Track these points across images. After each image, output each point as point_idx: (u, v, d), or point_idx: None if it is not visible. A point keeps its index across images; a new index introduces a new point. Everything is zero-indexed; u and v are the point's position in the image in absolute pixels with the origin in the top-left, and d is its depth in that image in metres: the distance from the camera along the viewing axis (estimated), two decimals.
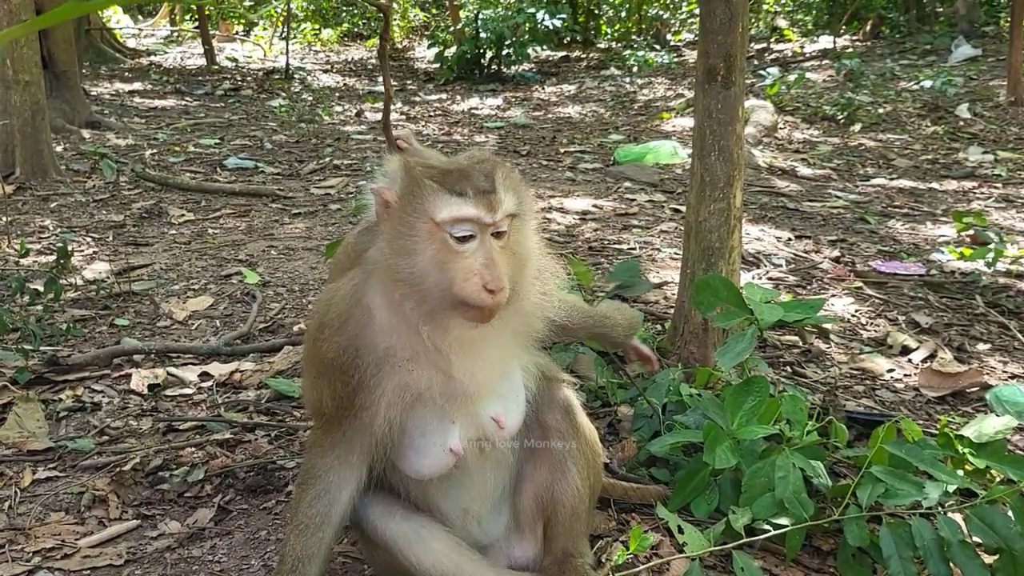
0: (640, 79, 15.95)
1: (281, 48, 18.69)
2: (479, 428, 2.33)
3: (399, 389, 2.22)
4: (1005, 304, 5.24)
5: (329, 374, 2.25)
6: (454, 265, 2.07)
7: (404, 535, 2.35)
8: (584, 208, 7.41)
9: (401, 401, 2.22)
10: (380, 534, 2.37)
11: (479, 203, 2.08)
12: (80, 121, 10.77)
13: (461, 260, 2.07)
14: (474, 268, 2.07)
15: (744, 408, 2.85)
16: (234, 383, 4.13)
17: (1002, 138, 10.96)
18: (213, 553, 2.85)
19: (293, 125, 11.95)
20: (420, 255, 2.09)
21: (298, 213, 7.36)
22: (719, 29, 3.75)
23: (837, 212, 7.59)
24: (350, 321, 2.23)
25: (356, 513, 2.38)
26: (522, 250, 2.22)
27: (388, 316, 2.21)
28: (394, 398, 2.22)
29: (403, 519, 2.37)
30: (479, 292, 2.06)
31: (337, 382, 2.24)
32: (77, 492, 3.18)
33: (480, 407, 2.32)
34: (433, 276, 2.08)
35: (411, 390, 2.23)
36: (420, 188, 2.11)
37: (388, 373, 2.21)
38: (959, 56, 15.55)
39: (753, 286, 3.39)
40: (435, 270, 2.08)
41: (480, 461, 2.40)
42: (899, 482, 2.56)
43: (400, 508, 2.40)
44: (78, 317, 4.80)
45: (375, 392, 2.21)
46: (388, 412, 2.22)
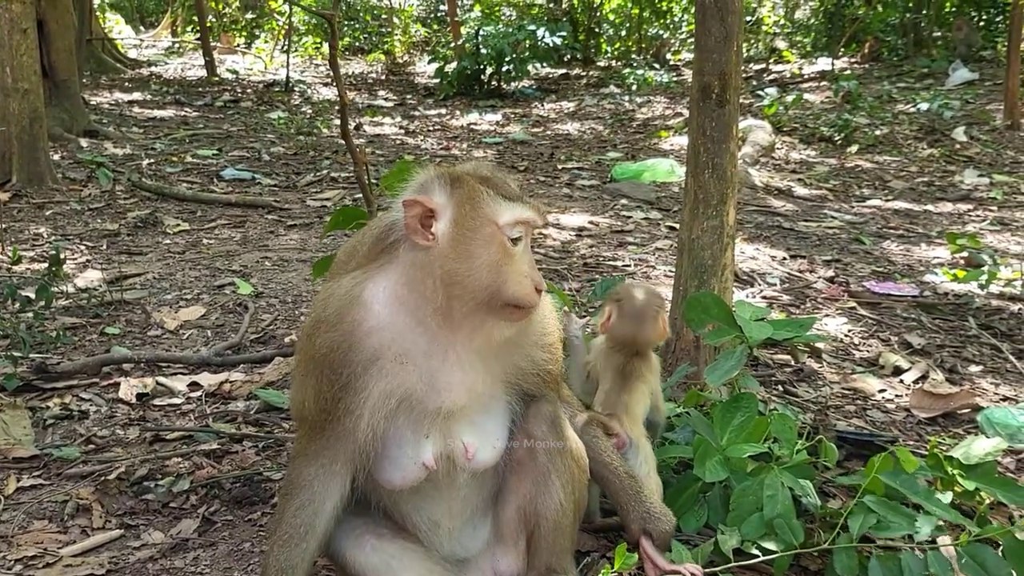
0: (639, 97, 16.01)
1: (282, 61, 18.74)
2: (450, 449, 2.32)
3: (383, 394, 2.22)
4: (998, 326, 5.23)
5: (318, 372, 2.24)
6: (508, 268, 2.19)
7: (375, 567, 2.34)
8: (580, 224, 7.42)
9: (384, 407, 2.22)
10: (351, 565, 2.36)
11: (532, 207, 2.25)
12: (78, 130, 10.79)
13: (514, 263, 2.19)
14: (524, 270, 2.21)
15: (733, 424, 2.83)
16: (223, 394, 4.11)
17: (998, 161, 11.00)
18: (196, 564, 2.83)
19: (291, 137, 11.97)
20: (480, 258, 2.17)
21: (293, 225, 7.36)
22: (714, 47, 3.76)
23: (832, 232, 7.60)
24: (346, 317, 2.23)
25: (328, 541, 2.37)
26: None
27: (387, 314, 2.23)
28: (379, 403, 2.21)
29: (373, 550, 2.36)
30: (532, 293, 2.21)
31: (324, 381, 2.23)
32: (61, 500, 3.16)
33: (455, 427, 2.31)
34: (488, 277, 2.17)
35: (395, 396, 2.23)
36: (479, 195, 2.21)
37: (375, 375, 2.21)
38: (956, 80, 15.62)
39: (744, 304, 3.38)
40: (491, 272, 2.17)
41: (451, 478, 2.38)
42: (891, 514, 2.54)
43: (371, 537, 2.38)
44: (68, 325, 4.79)
45: (361, 395, 2.21)
46: (372, 418, 2.21)
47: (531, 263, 2.24)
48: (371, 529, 2.40)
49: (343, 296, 2.27)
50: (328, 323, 2.25)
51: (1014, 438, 3.79)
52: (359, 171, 4.23)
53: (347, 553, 2.37)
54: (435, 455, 2.29)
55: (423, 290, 2.20)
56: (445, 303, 2.19)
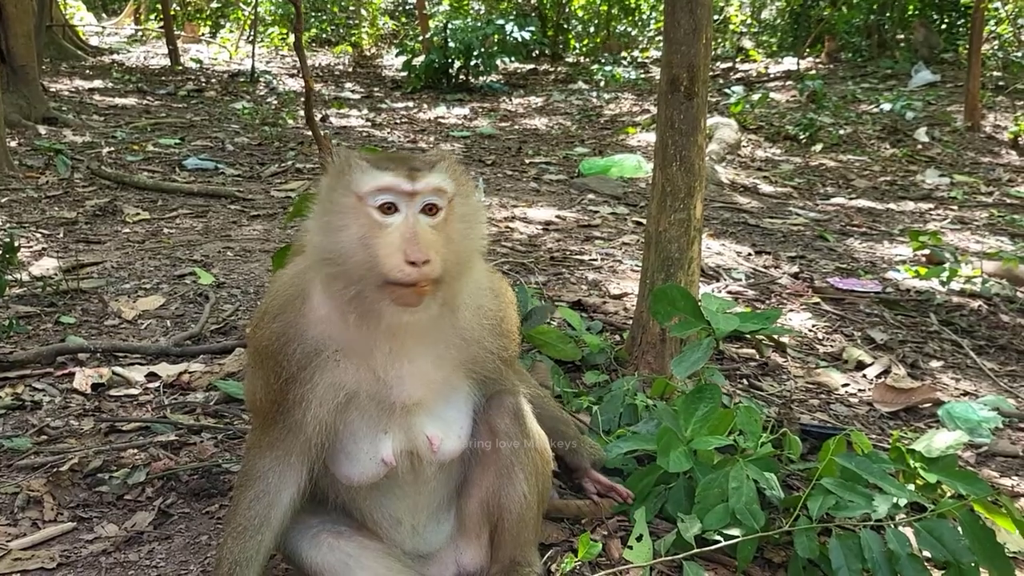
0: (607, 94, 16.03)
1: (247, 51, 18.50)
2: (412, 444, 2.26)
3: (331, 387, 2.16)
4: (958, 322, 5.30)
5: (264, 363, 2.21)
6: (378, 240, 2.02)
7: (331, 567, 2.28)
8: (547, 219, 7.39)
9: (333, 400, 2.17)
10: (309, 566, 2.30)
11: (399, 173, 2.06)
12: (36, 117, 10.55)
13: (384, 234, 2.02)
14: (396, 242, 2.01)
15: (697, 415, 2.83)
16: (182, 384, 4.02)
17: (958, 162, 11.17)
18: (151, 558, 2.76)
19: (256, 128, 11.80)
20: (345, 231, 2.04)
21: (256, 215, 7.25)
22: (683, 40, 3.75)
23: (797, 229, 7.65)
24: (288, 308, 2.19)
25: (284, 539, 2.32)
26: (460, 238, 2.15)
27: (323, 304, 2.17)
28: (326, 396, 2.16)
29: (330, 549, 2.30)
30: (401, 265, 1.99)
31: (271, 373, 2.19)
32: (11, 492, 3.07)
33: (415, 421, 2.26)
34: (358, 254, 2.02)
35: (344, 389, 2.17)
36: (348, 166, 2.11)
37: (319, 367, 2.16)
38: (919, 81, 15.84)
39: (710, 297, 3.39)
40: (360, 247, 2.02)
41: (415, 474, 2.33)
42: (849, 494, 2.55)
43: (328, 535, 2.32)
44: (22, 313, 4.66)
45: (305, 387, 2.16)
46: (318, 411, 2.16)
47: (410, 234, 2.01)
48: (328, 527, 2.35)
49: (284, 285, 2.23)
50: (271, 314, 2.21)
51: (974, 432, 3.85)
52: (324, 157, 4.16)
53: (303, 552, 2.31)
54: (395, 451, 2.23)
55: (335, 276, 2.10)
56: (343, 289, 2.07)
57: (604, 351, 4.11)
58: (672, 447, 2.73)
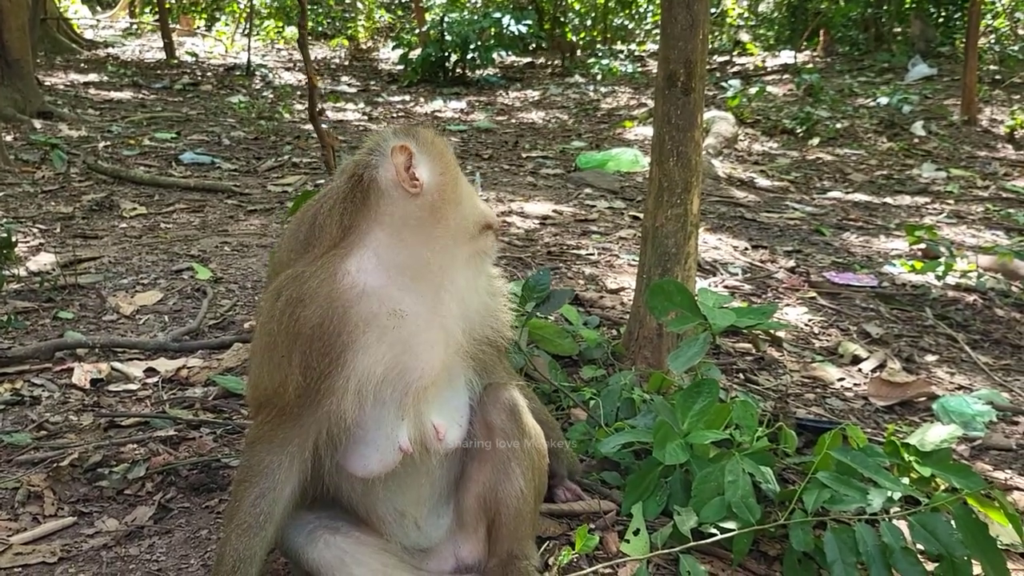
0: (604, 87, 16.02)
1: (243, 44, 18.44)
2: (422, 432, 2.30)
3: (371, 365, 2.18)
4: (954, 317, 5.33)
5: (304, 348, 2.15)
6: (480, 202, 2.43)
7: (328, 563, 2.29)
8: (544, 213, 7.41)
9: (372, 379, 2.18)
10: (305, 562, 2.31)
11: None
12: (32, 111, 10.53)
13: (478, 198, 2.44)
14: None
15: (694, 409, 2.85)
16: (181, 379, 4.04)
17: (955, 156, 11.19)
18: (151, 552, 2.78)
19: (252, 122, 11.79)
20: (469, 196, 2.39)
21: (254, 210, 7.25)
22: (680, 35, 3.76)
23: (793, 223, 7.67)
24: (335, 290, 2.17)
25: (281, 535, 2.33)
26: None
27: (378, 278, 2.20)
28: (367, 373, 2.17)
29: (326, 546, 2.30)
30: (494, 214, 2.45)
31: (314, 356, 2.15)
32: (12, 488, 3.08)
33: (424, 409, 2.30)
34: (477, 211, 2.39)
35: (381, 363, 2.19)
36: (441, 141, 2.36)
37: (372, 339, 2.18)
38: (915, 75, 15.84)
39: (707, 291, 3.39)
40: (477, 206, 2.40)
41: (422, 462, 2.36)
42: (844, 488, 2.57)
43: (324, 532, 2.33)
44: (20, 309, 4.67)
45: (348, 368, 2.16)
46: (361, 387, 2.17)
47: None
48: (325, 523, 2.35)
49: (320, 271, 2.19)
50: (312, 300, 2.16)
51: (969, 426, 3.87)
52: (327, 153, 4.17)
53: (300, 549, 2.32)
54: (410, 438, 2.27)
55: (411, 243, 2.22)
56: (428, 252, 2.23)
57: (601, 346, 4.13)
58: (668, 439, 2.75)
